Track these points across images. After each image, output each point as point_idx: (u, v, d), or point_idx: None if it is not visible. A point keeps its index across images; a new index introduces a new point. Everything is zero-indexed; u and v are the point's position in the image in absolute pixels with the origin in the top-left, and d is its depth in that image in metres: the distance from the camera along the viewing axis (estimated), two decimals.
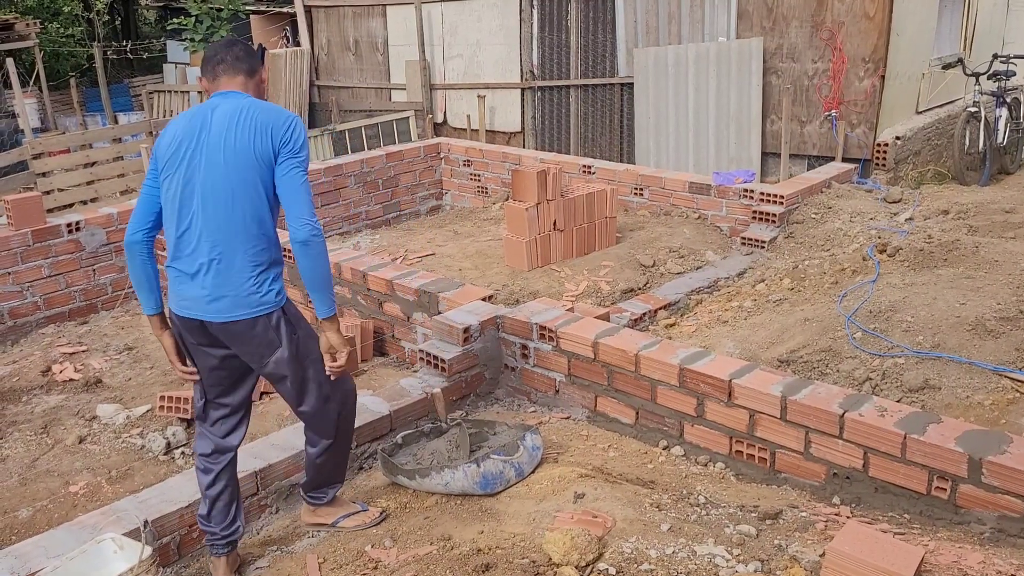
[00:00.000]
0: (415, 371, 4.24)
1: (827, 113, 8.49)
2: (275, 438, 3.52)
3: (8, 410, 4.56)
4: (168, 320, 2.88)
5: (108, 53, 19.04)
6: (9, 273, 5.57)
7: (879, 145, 8.29)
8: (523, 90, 10.79)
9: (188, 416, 4.20)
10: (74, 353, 5.26)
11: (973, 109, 8.04)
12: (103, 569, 2.68)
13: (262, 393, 4.41)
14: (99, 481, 3.81)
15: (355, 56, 12.72)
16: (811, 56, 8.51)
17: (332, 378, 2.92)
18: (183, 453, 4.04)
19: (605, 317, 4.45)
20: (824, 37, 8.37)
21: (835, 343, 4.10)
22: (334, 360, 2.87)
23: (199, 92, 13.27)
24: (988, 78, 8.28)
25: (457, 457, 3.40)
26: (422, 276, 4.87)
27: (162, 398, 4.30)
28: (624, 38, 9.88)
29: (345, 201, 7.61)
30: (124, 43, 20.86)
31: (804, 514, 2.94)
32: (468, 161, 8.16)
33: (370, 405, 3.73)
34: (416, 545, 2.88)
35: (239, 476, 3.05)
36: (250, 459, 3.30)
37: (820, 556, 2.53)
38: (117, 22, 23.87)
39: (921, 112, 9.07)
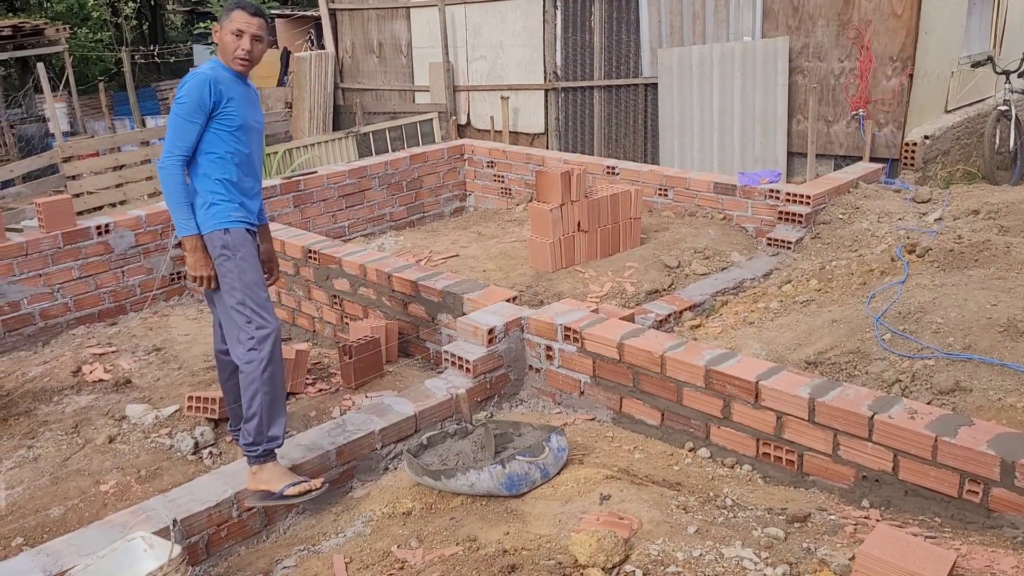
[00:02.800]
0: (440, 372, 4.25)
1: (854, 112, 8.41)
2: (301, 438, 3.55)
3: (40, 410, 4.63)
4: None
5: (136, 57, 19.31)
6: (40, 275, 5.66)
7: (907, 145, 8.19)
8: (547, 91, 10.79)
9: (216, 416, 4.24)
10: (104, 354, 5.33)
11: (1003, 108, 7.93)
12: (133, 567, 2.71)
13: (288, 394, 4.42)
14: (129, 480, 3.85)
15: (379, 59, 12.79)
16: (838, 55, 8.44)
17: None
18: (211, 453, 4.07)
19: (630, 318, 4.43)
20: (851, 36, 8.29)
21: (864, 344, 4.05)
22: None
23: None
24: (1019, 76, 8.17)
25: (482, 458, 3.40)
26: (446, 277, 4.88)
27: (190, 398, 4.33)
28: (648, 38, 9.84)
29: (369, 203, 7.66)
30: (152, 47, 21.16)
31: (833, 517, 2.91)
32: (492, 162, 8.17)
33: (395, 406, 3.75)
34: (442, 546, 2.88)
35: None
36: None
37: (850, 560, 2.50)
38: (145, 27, 24.19)
39: (950, 111, 8.95)
